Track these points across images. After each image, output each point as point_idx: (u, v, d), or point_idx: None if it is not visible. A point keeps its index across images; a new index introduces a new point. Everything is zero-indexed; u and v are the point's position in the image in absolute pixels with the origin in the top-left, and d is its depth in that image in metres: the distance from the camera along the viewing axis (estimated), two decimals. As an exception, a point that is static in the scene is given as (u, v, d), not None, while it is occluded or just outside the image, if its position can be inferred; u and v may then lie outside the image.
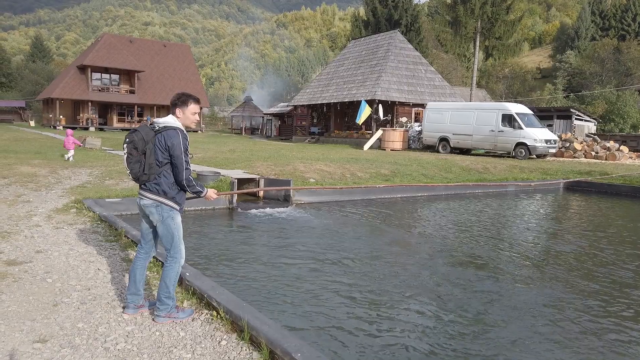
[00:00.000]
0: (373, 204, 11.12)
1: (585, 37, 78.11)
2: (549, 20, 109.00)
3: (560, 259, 6.76)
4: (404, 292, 5.15)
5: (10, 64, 77.29)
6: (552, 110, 31.08)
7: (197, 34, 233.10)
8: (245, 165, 12.80)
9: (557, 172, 16.41)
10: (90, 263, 4.86)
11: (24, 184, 9.30)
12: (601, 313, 4.72)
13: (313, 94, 34.39)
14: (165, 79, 46.99)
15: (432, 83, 30.83)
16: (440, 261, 6.49)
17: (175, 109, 3.59)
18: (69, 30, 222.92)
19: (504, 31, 38.15)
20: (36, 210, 7.27)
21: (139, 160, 3.49)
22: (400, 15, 49.03)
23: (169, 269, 3.60)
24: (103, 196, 8.46)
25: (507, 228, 9.16)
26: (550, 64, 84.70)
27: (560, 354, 3.83)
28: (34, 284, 4.20)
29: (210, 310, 3.71)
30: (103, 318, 3.59)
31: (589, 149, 22.82)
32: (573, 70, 68.34)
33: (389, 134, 24.82)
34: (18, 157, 13.11)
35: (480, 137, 21.57)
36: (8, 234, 5.80)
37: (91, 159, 14.09)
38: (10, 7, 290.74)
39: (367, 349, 3.79)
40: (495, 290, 5.32)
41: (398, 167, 14.80)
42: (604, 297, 5.16)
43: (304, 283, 5.25)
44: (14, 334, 3.25)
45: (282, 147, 23.54)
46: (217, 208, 9.45)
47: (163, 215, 3.56)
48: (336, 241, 7.38)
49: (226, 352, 3.12)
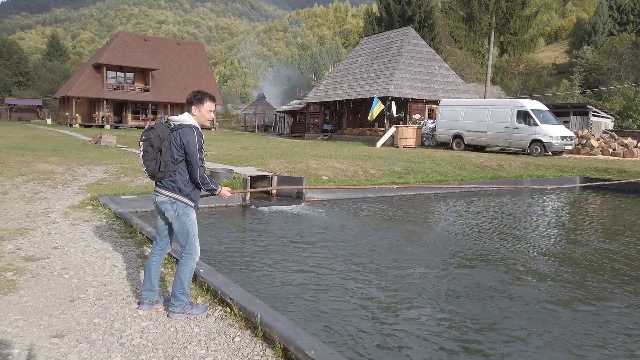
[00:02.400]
0: (386, 201, 11.08)
1: (602, 32, 76.75)
2: (565, 15, 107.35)
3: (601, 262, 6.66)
4: (420, 291, 5.12)
5: (28, 63, 78.47)
6: (569, 106, 30.62)
7: (210, 32, 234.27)
8: (258, 163, 12.84)
9: (574, 170, 16.19)
10: (106, 259, 4.92)
11: (41, 181, 9.44)
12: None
13: (326, 91, 34.35)
14: (179, 77, 47.31)
15: (446, 79, 30.59)
16: (454, 260, 6.44)
17: (191, 106, 3.60)
18: (84, 29, 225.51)
19: (519, 26, 37.61)
20: (53, 207, 7.38)
21: (155, 157, 3.52)
22: (414, 12, 48.68)
23: (184, 265, 3.62)
24: (118, 193, 8.55)
25: (532, 228, 9.05)
26: (566, 59, 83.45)
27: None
28: (52, 279, 4.26)
29: (224, 307, 3.73)
30: (119, 314, 3.63)
31: (606, 145, 22.45)
32: (590, 66, 67.29)
33: (402, 131, 24.69)
34: (35, 155, 13.31)
35: (494, 134, 21.35)
36: (26, 230, 5.89)
37: (107, 156, 14.25)
38: (27, 6, 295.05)
39: (381, 346, 3.77)
40: (520, 293, 5.27)
41: (411, 165, 14.72)
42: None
43: (318, 280, 5.26)
44: (32, 328, 3.30)
45: (295, 145, 23.56)
46: (230, 205, 9.50)
47: (178, 212, 3.58)
48: (349, 238, 7.36)
49: (240, 348, 3.13)
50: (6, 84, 71.24)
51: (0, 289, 3.93)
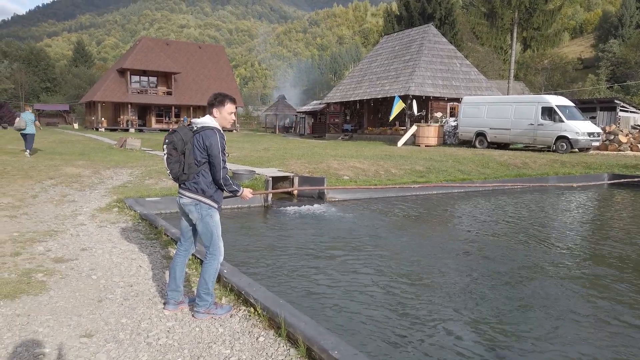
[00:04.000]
0: (408, 200, 11.00)
1: (629, 25, 74.79)
2: (591, 9, 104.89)
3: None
4: (444, 294, 5.06)
5: (55, 69, 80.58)
6: (595, 101, 29.90)
7: (231, 35, 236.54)
8: (279, 163, 12.90)
9: (601, 166, 15.79)
10: (133, 260, 5.01)
11: (69, 184, 9.67)
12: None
13: (346, 91, 34.30)
14: (201, 80, 47.89)
15: (468, 77, 30.20)
16: (482, 262, 6.35)
17: (213, 109, 3.65)
18: (108, 35, 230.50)
19: (542, 21, 36.83)
20: (81, 209, 7.56)
21: (179, 160, 3.57)
22: (434, 9, 48.21)
23: (208, 265, 3.66)
24: (143, 195, 8.70)
25: (561, 229, 8.87)
26: (592, 53, 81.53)
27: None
28: (80, 280, 4.36)
29: (248, 307, 3.76)
30: (145, 314, 3.69)
31: (635, 141, 21.82)
32: (617, 60, 65.57)
33: (424, 130, 24.47)
34: (63, 159, 13.66)
35: (518, 131, 20.98)
36: (55, 232, 6.04)
37: (132, 159, 14.52)
38: (54, 14, 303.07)
39: (405, 348, 3.75)
40: (547, 295, 5.16)
41: (433, 163, 14.58)
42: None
43: (341, 281, 5.25)
44: (62, 328, 3.39)
45: (316, 145, 23.59)
46: (252, 206, 9.57)
47: (202, 214, 3.63)
48: (372, 239, 7.33)
49: (264, 348, 3.16)
50: (35, 90, 73.31)
51: (32, 289, 4.05)
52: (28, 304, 3.77)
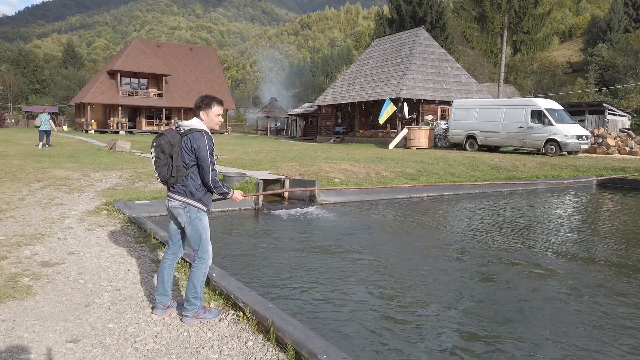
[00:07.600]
0: (399, 203, 11.03)
1: (617, 29, 75.67)
2: (579, 13, 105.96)
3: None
4: (435, 296, 5.07)
5: (44, 71, 79.86)
6: (584, 105, 30.24)
7: (223, 37, 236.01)
8: (270, 166, 12.88)
9: (590, 169, 15.95)
10: (121, 264, 4.96)
11: (57, 187, 9.58)
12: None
13: (337, 94, 34.36)
14: (192, 82, 47.76)
15: (459, 80, 30.39)
16: (474, 263, 6.38)
17: (199, 111, 3.64)
18: (99, 36, 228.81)
19: (532, 25, 37.13)
20: (69, 212, 7.48)
21: (167, 163, 3.55)
22: (425, 12, 48.50)
23: (197, 269, 3.64)
24: (132, 198, 8.63)
25: (558, 231, 8.93)
26: (581, 57, 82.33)
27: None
28: (67, 284, 4.31)
29: (237, 311, 3.74)
30: (133, 318, 3.66)
31: (623, 144, 22.09)
32: (605, 64, 66.31)
33: (415, 132, 24.56)
34: (52, 161, 13.52)
35: (508, 134, 21.14)
36: (42, 236, 5.97)
37: (121, 161, 14.41)
38: (43, 15, 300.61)
39: (395, 353, 3.74)
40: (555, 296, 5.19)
41: (424, 166, 14.63)
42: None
43: (331, 284, 5.23)
44: (48, 334, 3.35)
45: (307, 147, 23.59)
46: (243, 209, 9.53)
47: (191, 217, 3.61)
48: (363, 242, 7.33)
49: (252, 352, 3.14)
50: (23, 92, 72.58)
51: (17, 294, 3.99)
52: (13, 308, 3.72)
